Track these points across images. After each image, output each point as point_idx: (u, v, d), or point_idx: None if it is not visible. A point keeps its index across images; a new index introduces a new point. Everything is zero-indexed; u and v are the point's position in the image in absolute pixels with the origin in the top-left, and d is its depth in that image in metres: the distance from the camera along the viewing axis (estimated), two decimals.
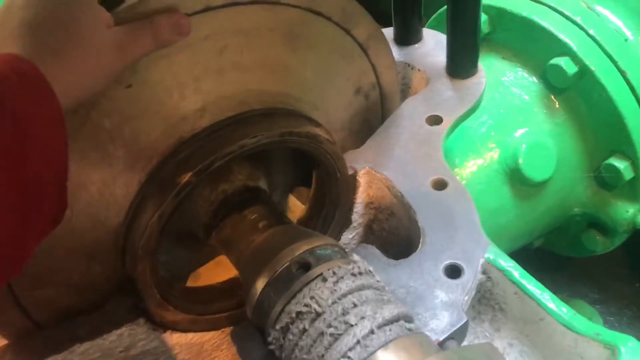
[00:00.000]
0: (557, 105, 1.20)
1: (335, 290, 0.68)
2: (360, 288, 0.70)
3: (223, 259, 0.90)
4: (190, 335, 0.86)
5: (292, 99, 0.84)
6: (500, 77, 1.22)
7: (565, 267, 1.63)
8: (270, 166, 0.91)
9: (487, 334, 0.82)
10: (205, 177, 0.75)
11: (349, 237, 0.98)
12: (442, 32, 1.06)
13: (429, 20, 1.32)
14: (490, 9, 1.22)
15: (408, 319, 0.69)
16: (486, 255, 0.78)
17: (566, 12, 1.17)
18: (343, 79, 0.89)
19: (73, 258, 0.75)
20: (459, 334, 0.73)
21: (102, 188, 0.72)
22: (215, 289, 0.90)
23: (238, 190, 0.84)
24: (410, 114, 0.97)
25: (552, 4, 1.19)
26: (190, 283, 0.91)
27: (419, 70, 1.05)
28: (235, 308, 0.86)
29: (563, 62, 1.13)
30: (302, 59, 0.82)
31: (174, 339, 0.84)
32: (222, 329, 0.87)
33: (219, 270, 0.92)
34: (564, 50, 1.14)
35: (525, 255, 1.40)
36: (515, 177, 1.16)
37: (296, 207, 1.00)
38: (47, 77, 0.54)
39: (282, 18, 0.77)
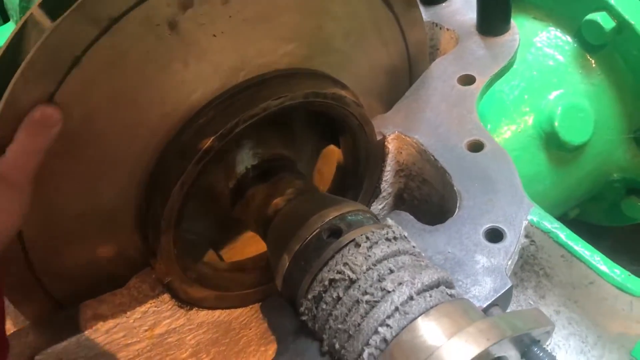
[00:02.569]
0: (593, 65, 1.14)
1: (369, 255, 0.64)
2: (396, 253, 0.66)
3: (249, 234, 0.87)
4: (217, 312, 0.82)
5: (317, 60, 0.79)
6: (532, 38, 1.16)
7: (602, 239, 1.56)
8: (296, 133, 0.87)
9: (532, 302, 0.77)
10: (229, 142, 0.71)
11: (378, 207, 0.93)
12: None
13: None
14: None
15: (449, 284, 0.64)
16: (529, 217, 0.73)
17: None
18: (369, 40, 0.84)
19: (91, 229, 0.72)
20: (503, 301, 0.69)
21: (120, 149, 0.68)
22: (242, 263, 0.87)
23: (263, 158, 0.80)
24: (440, 75, 0.92)
25: None
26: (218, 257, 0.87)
27: (447, 29, 0.99)
28: (265, 283, 0.82)
29: (599, 17, 1.07)
30: (326, 18, 0.78)
31: (200, 316, 0.81)
32: (251, 306, 0.83)
33: (246, 245, 0.89)
34: (600, 4, 1.08)
35: None
36: (551, 142, 1.10)
37: (323, 177, 0.95)
38: None
39: None
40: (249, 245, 0.88)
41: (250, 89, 0.72)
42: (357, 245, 0.65)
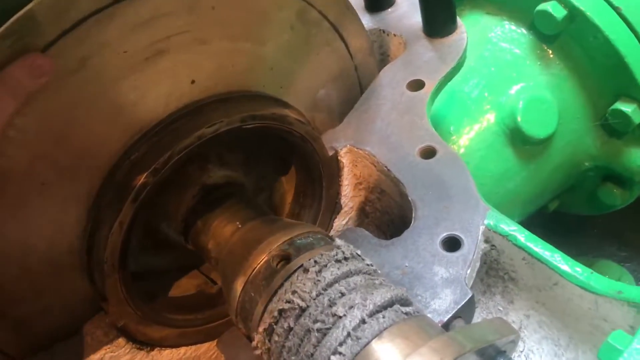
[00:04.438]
0: (551, 55, 1.11)
1: (318, 280, 0.61)
2: (347, 275, 0.63)
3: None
4: (182, 350, 0.80)
5: (255, 81, 0.77)
6: (487, 34, 1.14)
7: (586, 228, 1.55)
8: (247, 153, 0.85)
9: (500, 308, 0.74)
10: (170, 176, 0.68)
11: (342, 223, 0.91)
12: None
13: None
14: None
15: (404, 302, 0.61)
16: (486, 222, 0.70)
17: None
18: (309, 54, 0.82)
19: (35, 280, 0.69)
20: (465, 312, 0.66)
21: (52, 204, 0.66)
22: (204, 295, 0.84)
23: (211, 185, 0.77)
24: (389, 82, 0.89)
25: None
26: (174, 293, 0.84)
27: (394, 35, 0.97)
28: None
29: (550, 6, 1.05)
30: (265, 37, 0.75)
31: (164, 356, 0.78)
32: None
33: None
34: None
35: (542, 220, 1.33)
36: (517, 137, 1.08)
37: (283, 198, 0.93)
38: None
39: None
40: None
41: (183, 118, 0.69)
42: (306, 270, 0.62)
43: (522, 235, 0.69)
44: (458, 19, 0.94)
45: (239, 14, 0.71)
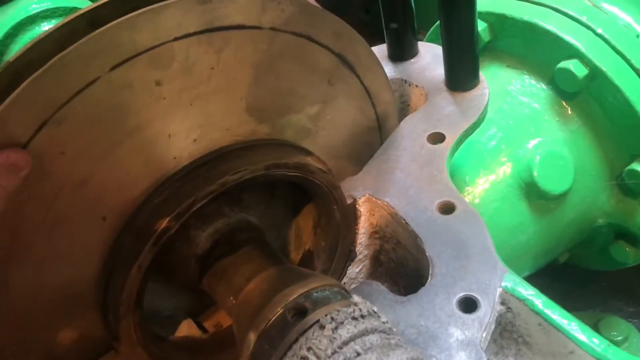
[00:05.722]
0: (569, 112, 1.12)
1: (334, 338, 0.61)
2: (364, 333, 0.62)
3: None
4: None
5: (279, 129, 0.77)
6: (507, 87, 1.14)
7: (595, 281, 1.54)
8: (265, 199, 0.85)
9: None
10: (188, 220, 0.68)
11: (355, 270, 0.90)
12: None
13: (428, 34, 1.26)
14: (489, 16, 1.15)
15: None
16: (504, 284, 0.70)
17: (570, 12, 1.10)
18: (334, 103, 0.83)
19: (48, 319, 0.69)
20: None
21: (72, 242, 0.66)
22: (215, 337, 0.83)
23: (228, 231, 0.78)
24: (409, 133, 0.90)
25: (555, 5, 1.11)
26: (184, 334, 0.83)
27: (416, 85, 0.98)
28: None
29: (572, 65, 1.06)
30: (289, 85, 0.76)
31: None
32: None
33: (222, 315, 0.86)
34: (572, 52, 1.06)
35: (551, 271, 1.32)
36: (532, 192, 1.08)
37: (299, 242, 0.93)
38: None
39: (267, 43, 0.71)
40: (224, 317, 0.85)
41: (207, 164, 0.70)
42: (322, 326, 0.62)
43: (540, 301, 0.68)
44: (480, 74, 0.95)
45: None
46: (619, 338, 1.29)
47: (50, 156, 0.60)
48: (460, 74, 0.93)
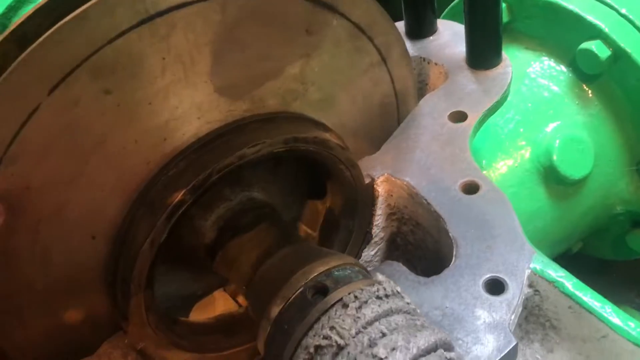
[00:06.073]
0: (590, 95, 1.09)
1: (358, 317, 0.58)
2: (388, 313, 0.59)
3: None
4: None
5: (298, 102, 0.74)
6: (526, 69, 1.11)
7: (606, 272, 1.51)
8: (281, 176, 0.82)
9: (539, 356, 0.71)
10: (203, 194, 0.65)
11: (370, 253, 0.87)
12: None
13: (444, 13, 1.23)
14: None
15: (447, 346, 0.58)
16: (532, 266, 0.67)
17: None
18: (353, 79, 0.79)
19: (55, 296, 0.66)
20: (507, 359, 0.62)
21: (85, 213, 0.63)
22: (226, 320, 0.80)
23: (243, 208, 0.74)
24: (430, 112, 0.87)
25: None
26: (198, 316, 0.80)
27: (435, 63, 0.95)
28: (252, 340, 0.75)
29: (594, 45, 1.03)
30: (310, 57, 0.73)
31: None
32: None
33: (228, 299, 0.82)
34: (594, 33, 1.03)
35: (562, 261, 1.29)
36: (550, 176, 1.05)
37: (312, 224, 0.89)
38: None
39: (219, 12, 0.64)
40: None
41: (225, 136, 0.66)
42: (345, 305, 0.59)
43: (571, 283, 0.65)
44: (503, 52, 0.92)
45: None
46: None
47: (16, 194, 0.58)
48: (484, 52, 0.90)
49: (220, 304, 0.79)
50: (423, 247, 0.83)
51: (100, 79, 0.58)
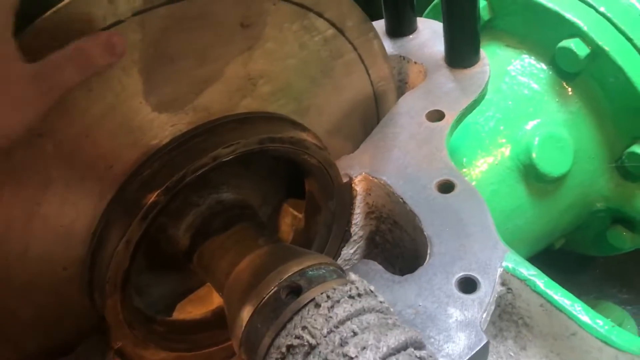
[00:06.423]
0: (570, 92, 1.09)
1: (330, 317, 0.59)
2: (360, 312, 0.60)
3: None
4: None
5: (274, 102, 0.74)
6: (506, 66, 1.12)
7: (590, 267, 1.53)
8: (258, 176, 0.82)
9: (512, 353, 0.72)
10: (178, 194, 0.66)
11: (349, 252, 0.88)
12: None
13: (426, 11, 1.23)
14: None
15: (418, 345, 0.59)
16: (504, 264, 0.68)
17: None
18: (330, 78, 0.80)
19: (32, 296, 0.66)
20: (479, 358, 0.63)
21: (58, 216, 0.63)
22: (203, 319, 0.81)
23: (213, 212, 0.75)
24: (408, 111, 0.87)
25: None
26: (178, 315, 0.81)
27: (415, 62, 0.95)
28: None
29: (573, 44, 1.03)
30: (252, 50, 0.71)
31: None
32: None
33: (209, 298, 0.83)
34: (573, 31, 1.04)
35: (545, 257, 1.31)
36: (530, 174, 1.05)
37: (292, 223, 0.90)
38: None
39: (139, 31, 0.61)
40: (212, 298, 0.82)
41: (199, 136, 0.67)
42: (317, 305, 0.60)
43: (542, 282, 0.66)
44: (481, 50, 0.92)
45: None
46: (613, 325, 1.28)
47: None
48: (461, 50, 0.90)
49: (216, 298, 0.79)
50: (401, 246, 0.84)
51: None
